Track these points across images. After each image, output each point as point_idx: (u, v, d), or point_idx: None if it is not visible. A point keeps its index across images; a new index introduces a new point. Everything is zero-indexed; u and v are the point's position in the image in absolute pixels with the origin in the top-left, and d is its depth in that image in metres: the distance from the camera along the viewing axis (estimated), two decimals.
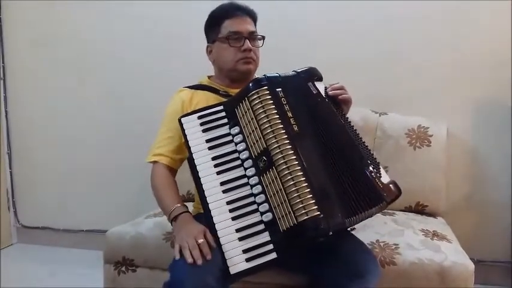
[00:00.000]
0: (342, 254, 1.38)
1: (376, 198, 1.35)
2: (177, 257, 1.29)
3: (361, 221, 1.39)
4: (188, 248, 1.28)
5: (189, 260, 1.25)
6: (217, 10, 1.65)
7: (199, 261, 1.24)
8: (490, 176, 2.31)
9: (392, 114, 2.18)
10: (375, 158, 1.44)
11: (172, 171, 1.60)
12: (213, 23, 1.64)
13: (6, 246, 2.86)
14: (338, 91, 1.50)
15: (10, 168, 2.91)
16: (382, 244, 1.62)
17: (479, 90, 2.27)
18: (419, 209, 2.04)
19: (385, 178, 1.40)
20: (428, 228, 1.79)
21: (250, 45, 1.58)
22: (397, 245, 1.62)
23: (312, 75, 1.50)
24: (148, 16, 2.58)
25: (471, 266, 1.55)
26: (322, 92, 1.47)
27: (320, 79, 1.52)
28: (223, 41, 1.60)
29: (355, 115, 2.06)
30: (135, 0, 2.58)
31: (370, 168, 1.37)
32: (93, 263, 2.06)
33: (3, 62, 2.83)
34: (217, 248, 1.29)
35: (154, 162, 1.59)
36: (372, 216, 1.41)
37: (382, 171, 1.41)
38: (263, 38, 1.65)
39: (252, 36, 1.61)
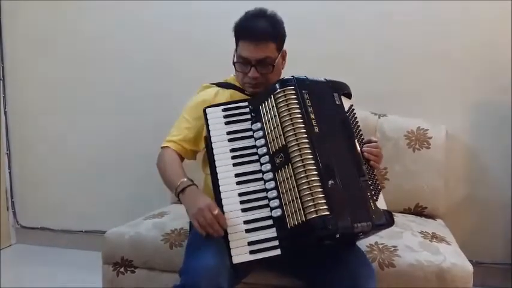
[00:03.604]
0: (343, 264, 1.38)
1: (364, 215, 1.33)
2: (204, 234, 1.32)
3: (366, 234, 1.39)
4: (207, 222, 1.30)
5: (216, 233, 1.29)
6: (238, 24, 1.58)
7: (221, 233, 1.29)
8: (489, 177, 2.31)
9: (392, 116, 2.17)
10: (378, 184, 1.45)
11: (180, 157, 1.61)
12: (235, 36, 1.59)
13: (5, 247, 2.85)
14: (373, 151, 1.47)
15: (9, 168, 2.90)
16: (381, 246, 1.62)
17: (478, 92, 2.27)
18: (419, 211, 2.04)
19: (381, 204, 1.40)
20: (427, 230, 1.78)
21: (256, 74, 1.54)
22: (396, 247, 1.62)
23: (340, 88, 1.53)
24: (150, 14, 2.57)
25: (470, 267, 1.55)
26: (346, 107, 1.49)
27: (348, 96, 1.54)
28: (235, 61, 1.59)
29: None
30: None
31: (369, 189, 1.39)
32: (92, 264, 2.05)
33: (2, 62, 2.82)
34: (224, 237, 1.31)
35: (165, 147, 1.61)
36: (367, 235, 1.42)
37: (381, 197, 1.42)
38: (273, 65, 1.55)
39: (261, 63, 1.54)
